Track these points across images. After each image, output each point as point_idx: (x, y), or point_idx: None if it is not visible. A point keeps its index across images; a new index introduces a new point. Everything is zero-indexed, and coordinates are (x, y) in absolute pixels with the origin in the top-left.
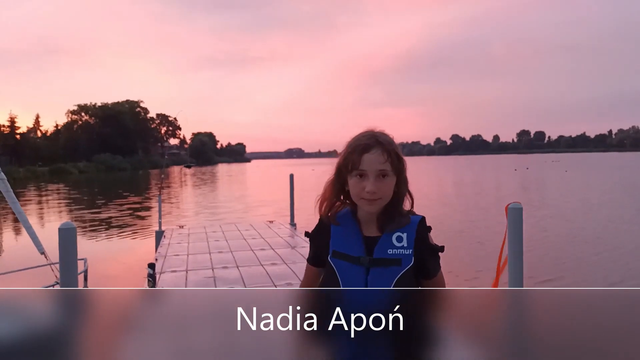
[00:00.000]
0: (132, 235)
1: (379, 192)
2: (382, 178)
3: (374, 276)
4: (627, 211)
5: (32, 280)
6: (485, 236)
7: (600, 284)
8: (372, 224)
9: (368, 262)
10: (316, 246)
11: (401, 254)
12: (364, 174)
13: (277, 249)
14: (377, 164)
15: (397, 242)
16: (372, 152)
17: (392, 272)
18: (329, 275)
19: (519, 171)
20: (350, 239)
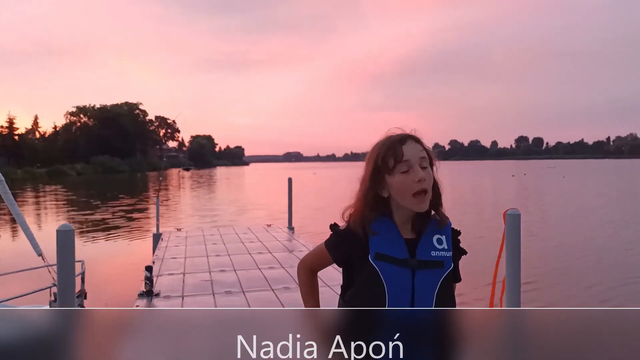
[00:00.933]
0: (129, 238)
1: (427, 181)
2: (425, 169)
3: (421, 278)
4: (618, 216)
5: (29, 282)
6: (482, 243)
7: (580, 286)
8: (407, 226)
9: (415, 263)
10: (347, 247)
11: (443, 256)
12: (410, 165)
13: (275, 252)
14: (418, 153)
15: (438, 244)
16: (408, 143)
17: (436, 274)
18: (369, 278)
19: (517, 177)
20: (392, 241)
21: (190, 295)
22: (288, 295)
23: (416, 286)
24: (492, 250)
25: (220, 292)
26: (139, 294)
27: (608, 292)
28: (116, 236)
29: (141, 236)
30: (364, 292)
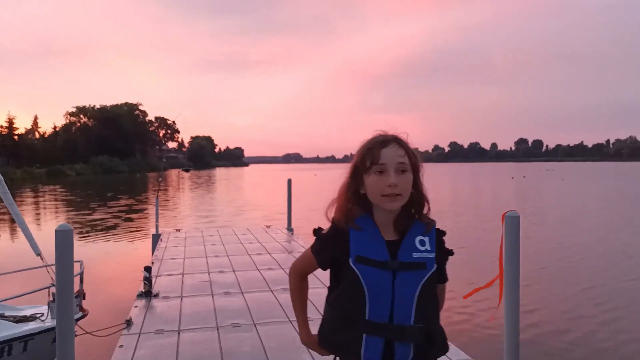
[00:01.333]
0: (128, 238)
1: (400, 186)
2: (402, 173)
3: (402, 280)
4: (613, 219)
5: (28, 282)
6: (479, 244)
7: (574, 287)
8: (390, 228)
9: (395, 266)
10: (331, 250)
11: (426, 257)
12: (384, 169)
13: (274, 253)
14: (396, 157)
15: (421, 246)
16: (390, 146)
17: (418, 276)
18: (350, 280)
19: (516, 179)
20: (372, 243)
21: (189, 296)
22: (287, 296)
23: (396, 288)
24: (488, 251)
25: (219, 293)
26: (138, 295)
27: (602, 295)
28: (115, 236)
29: (140, 237)
30: (345, 295)
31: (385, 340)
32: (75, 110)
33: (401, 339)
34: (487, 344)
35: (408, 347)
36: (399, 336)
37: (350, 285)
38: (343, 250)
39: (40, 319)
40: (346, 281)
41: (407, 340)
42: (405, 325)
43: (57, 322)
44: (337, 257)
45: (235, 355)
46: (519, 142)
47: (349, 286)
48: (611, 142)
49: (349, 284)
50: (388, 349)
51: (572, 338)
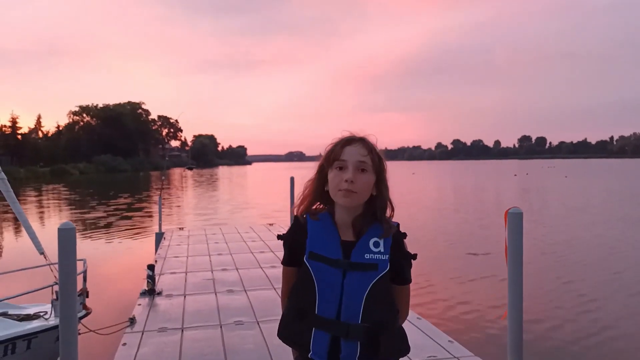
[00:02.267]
0: (131, 237)
1: (357, 183)
2: (362, 172)
3: (351, 280)
4: (609, 216)
5: (31, 281)
6: (479, 243)
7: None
8: (349, 229)
9: (345, 265)
10: (291, 246)
11: (378, 259)
12: (344, 165)
13: (277, 251)
14: (357, 156)
15: (374, 247)
16: (354, 145)
17: (368, 277)
18: (303, 276)
19: (519, 176)
20: (327, 241)
21: (192, 294)
22: None
23: (345, 287)
24: (488, 248)
25: (222, 291)
26: (141, 293)
27: (604, 293)
28: (118, 235)
29: (143, 235)
30: (298, 289)
31: (333, 337)
32: (79, 110)
33: (345, 336)
34: (490, 341)
35: (355, 345)
36: (344, 333)
37: (303, 280)
38: (301, 245)
39: (44, 317)
40: (300, 276)
41: (351, 338)
42: (351, 323)
43: (60, 321)
44: (297, 252)
45: (239, 352)
46: (522, 140)
47: (302, 281)
48: (615, 139)
49: (302, 278)
50: (335, 345)
51: (575, 334)
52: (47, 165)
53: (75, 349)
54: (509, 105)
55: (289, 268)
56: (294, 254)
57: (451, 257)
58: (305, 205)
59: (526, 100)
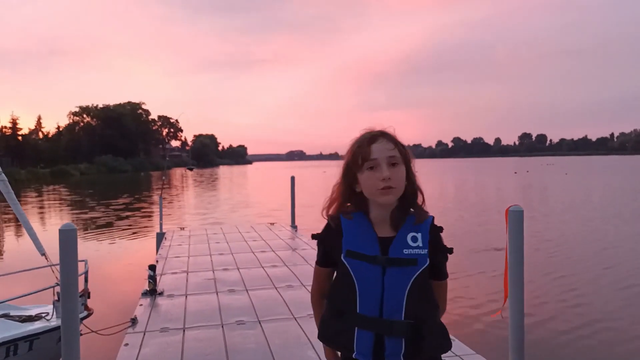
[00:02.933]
0: (132, 237)
1: (394, 179)
2: (394, 166)
3: (391, 276)
4: (601, 213)
5: (33, 282)
6: (480, 239)
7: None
8: (385, 224)
9: (384, 261)
10: (325, 246)
11: (417, 254)
12: (376, 164)
13: (278, 251)
14: (386, 151)
15: (412, 242)
16: (379, 141)
17: (408, 272)
18: (342, 275)
19: (519, 174)
20: (364, 238)
21: (193, 294)
22: (291, 293)
23: (386, 283)
24: (488, 245)
25: (224, 291)
26: (143, 293)
27: (605, 291)
28: (119, 235)
29: (144, 235)
30: (337, 289)
31: (376, 335)
32: (79, 110)
33: (389, 333)
34: (492, 338)
35: (399, 342)
36: (388, 331)
37: (342, 279)
38: (336, 245)
39: (46, 318)
40: (338, 275)
41: (396, 335)
42: (394, 320)
43: (62, 321)
44: (332, 252)
45: (240, 352)
46: (523, 137)
47: (341, 280)
48: (615, 136)
49: (340, 277)
50: (379, 343)
51: (576, 331)
52: (47, 166)
53: (77, 349)
54: (509, 102)
55: (322, 268)
56: (328, 255)
57: (453, 254)
58: (335, 207)
59: (526, 97)
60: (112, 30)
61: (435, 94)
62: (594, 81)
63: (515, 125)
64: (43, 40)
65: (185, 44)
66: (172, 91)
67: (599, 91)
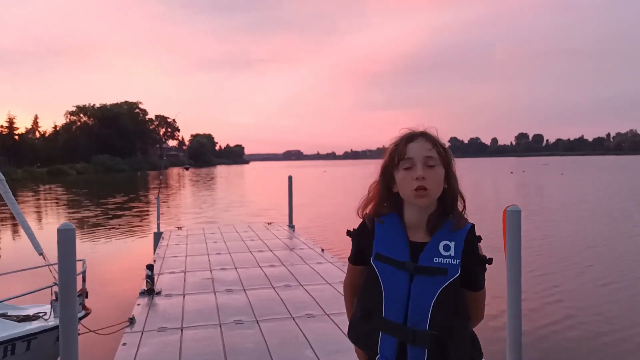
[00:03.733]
0: (130, 237)
1: (428, 180)
2: (430, 168)
3: (418, 284)
4: (597, 211)
5: (31, 282)
6: None
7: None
8: (420, 229)
9: (413, 268)
10: (358, 244)
11: (448, 263)
12: (412, 164)
13: (276, 250)
14: (423, 151)
15: (444, 251)
16: (417, 140)
17: (437, 282)
18: (370, 277)
19: (516, 174)
20: (394, 242)
21: (191, 294)
22: (289, 292)
23: (412, 291)
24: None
25: (221, 290)
26: (141, 293)
27: (603, 289)
28: (117, 235)
29: (142, 235)
30: (365, 290)
31: (400, 341)
32: (76, 110)
33: (412, 342)
34: (489, 337)
35: (422, 351)
36: (410, 339)
37: (370, 281)
38: (368, 246)
39: (43, 318)
40: (367, 277)
41: (418, 345)
42: (418, 329)
43: (60, 321)
44: (364, 252)
45: (238, 351)
46: (520, 137)
47: (369, 281)
48: (612, 136)
49: (369, 279)
50: (402, 350)
51: (574, 332)
52: (44, 165)
53: (76, 349)
54: (506, 102)
55: (354, 266)
56: (360, 254)
57: None
58: (371, 207)
59: (523, 97)
60: (109, 30)
61: (433, 94)
62: (590, 81)
63: (512, 125)
64: (40, 40)
65: (183, 43)
66: (169, 91)
67: (595, 91)
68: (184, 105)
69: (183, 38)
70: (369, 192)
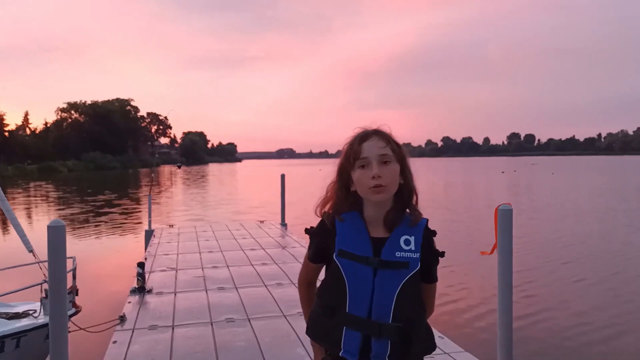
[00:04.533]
0: (121, 234)
1: (384, 177)
2: (385, 164)
3: (382, 278)
4: (577, 211)
5: (20, 279)
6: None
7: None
8: (379, 224)
9: (376, 263)
10: (319, 243)
11: (409, 257)
12: (367, 162)
13: (268, 248)
14: (377, 149)
15: (405, 245)
16: (370, 139)
17: (399, 275)
18: (333, 273)
19: (507, 173)
20: (357, 238)
21: (182, 292)
22: (281, 291)
23: (376, 285)
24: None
25: (213, 288)
26: (131, 290)
27: (594, 288)
28: (108, 233)
29: (133, 232)
30: (328, 286)
31: (364, 335)
32: (67, 106)
33: (378, 335)
34: (480, 336)
35: (385, 344)
36: (376, 333)
37: (333, 277)
38: (330, 244)
39: (33, 315)
40: (330, 273)
41: (384, 337)
42: (383, 322)
43: (50, 319)
44: (325, 250)
45: (230, 350)
46: (512, 137)
47: (332, 278)
48: (603, 136)
49: (332, 276)
50: (366, 344)
51: (564, 331)
52: (35, 162)
53: (66, 347)
54: (498, 102)
55: (312, 265)
56: (320, 253)
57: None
58: (329, 207)
59: (516, 97)
60: (102, 27)
61: (426, 93)
62: (582, 81)
63: (504, 125)
64: (32, 36)
65: (176, 40)
66: (162, 88)
67: (587, 92)
68: (176, 103)
69: (176, 36)
70: (327, 192)
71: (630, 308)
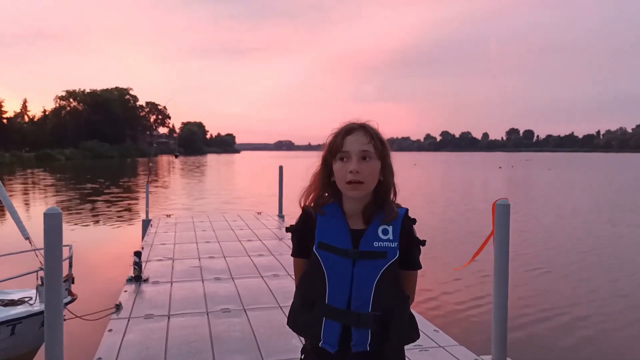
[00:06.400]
0: (118, 223)
1: (362, 173)
2: (365, 160)
3: (360, 269)
4: (573, 205)
5: (16, 266)
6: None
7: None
8: (358, 217)
9: (355, 254)
10: (299, 237)
11: (387, 246)
12: (347, 156)
13: (265, 240)
14: (359, 145)
15: (383, 235)
16: (354, 134)
17: (377, 265)
18: (313, 265)
19: (504, 169)
20: (336, 231)
21: (179, 281)
22: (277, 282)
23: (355, 276)
24: (470, 238)
25: (209, 279)
26: (128, 279)
27: (590, 285)
28: (105, 221)
29: (130, 222)
30: (308, 279)
31: (343, 326)
32: (65, 94)
33: (357, 325)
34: (475, 330)
35: (365, 333)
36: (355, 322)
37: (313, 270)
38: (310, 236)
39: (29, 302)
40: (309, 266)
41: (363, 327)
42: (362, 312)
43: (45, 306)
44: (306, 243)
45: (225, 340)
46: (510, 132)
47: (312, 270)
48: (601, 134)
49: (311, 268)
50: (346, 334)
51: (557, 326)
52: (32, 150)
53: (61, 334)
54: (498, 98)
55: (299, 259)
56: (302, 245)
57: (436, 246)
58: (312, 197)
59: (515, 93)
60: (102, 15)
61: (425, 88)
62: (582, 78)
63: (503, 121)
64: (31, 23)
65: (176, 30)
66: (161, 78)
67: (586, 88)
68: (175, 93)
69: (176, 25)
70: (310, 182)
71: (624, 303)
